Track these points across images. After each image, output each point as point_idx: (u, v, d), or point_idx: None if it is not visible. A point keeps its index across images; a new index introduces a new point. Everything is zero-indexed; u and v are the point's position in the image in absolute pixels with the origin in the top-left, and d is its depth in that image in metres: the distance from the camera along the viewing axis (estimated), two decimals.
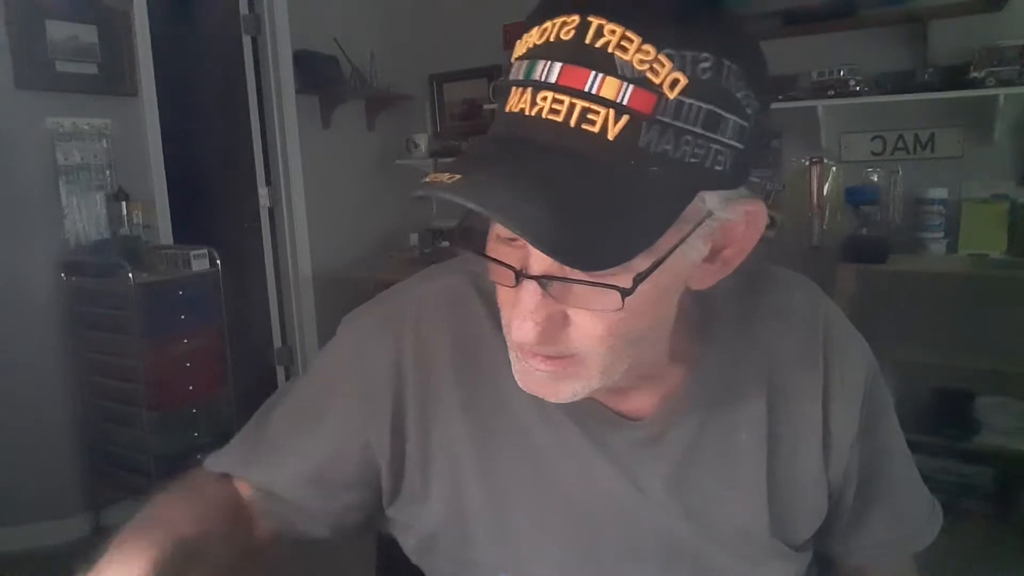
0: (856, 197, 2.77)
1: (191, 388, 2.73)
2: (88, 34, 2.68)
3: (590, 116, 0.45)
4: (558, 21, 0.46)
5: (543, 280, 0.49)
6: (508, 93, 0.49)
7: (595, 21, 0.45)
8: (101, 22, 2.71)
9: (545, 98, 0.46)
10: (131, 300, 2.51)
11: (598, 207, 0.44)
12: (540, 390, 0.55)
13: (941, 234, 2.63)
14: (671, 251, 0.48)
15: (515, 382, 0.60)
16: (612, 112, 0.44)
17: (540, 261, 0.49)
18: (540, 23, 0.48)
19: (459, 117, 3.77)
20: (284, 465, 0.68)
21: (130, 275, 2.48)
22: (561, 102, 0.45)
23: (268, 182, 3.53)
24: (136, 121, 2.86)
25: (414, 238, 3.73)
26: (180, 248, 2.82)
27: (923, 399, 2.69)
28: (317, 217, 3.57)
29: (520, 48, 0.49)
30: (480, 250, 0.54)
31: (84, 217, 2.70)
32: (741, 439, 0.65)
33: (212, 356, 2.82)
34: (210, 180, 3.77)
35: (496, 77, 3.52)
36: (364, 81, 3.67)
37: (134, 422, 2.59)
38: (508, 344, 0.56)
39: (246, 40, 3.40)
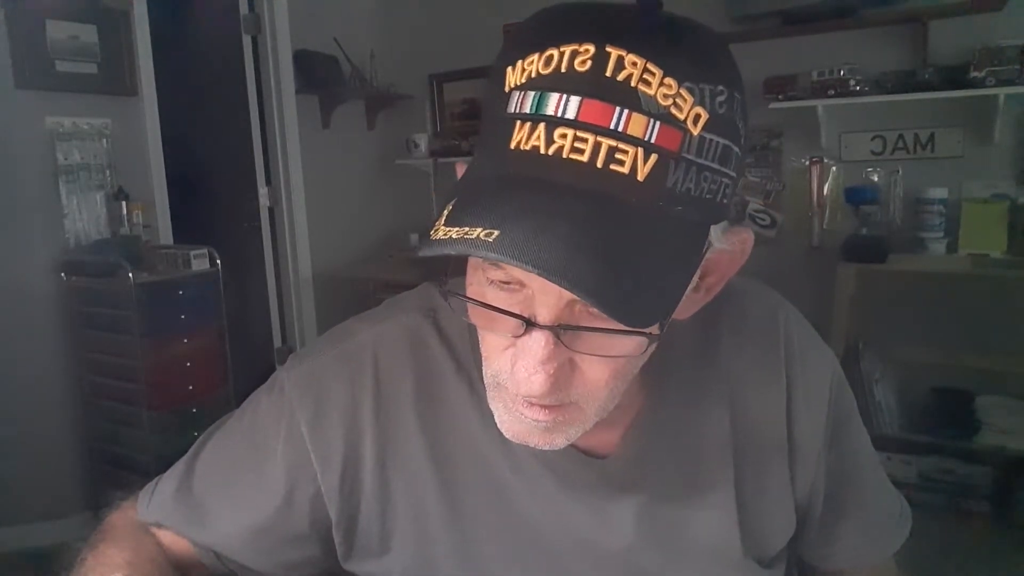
0: (856, 197, 2.76)
1: (191, 388, 2.72)
2: (88, 34, 2.68)
3: (618, 156, 0.42)
4: (567, 50, 0.43)
5: (556, 329, 0.46)
6: (510, 127, 0.44)
7: (614, 52, 0.42)
8: (101, 22, 2.71)
9: (564, 136, 0.42)
10: (131, 300, 2.51)
11: (642, 257, 0.42)
12: (531, 439, 0.52)
13: (941, 234, 2.63)
14: (690, 290, 0.48)
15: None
16: (641, 151, 0.42)
17: (550, 308, 0.46)
18: (541, 49, 0.44)
19: (459, 117, 3.78)
20: (225, 521, 0.65)
21: (130, 275, 2.48)
22: (584, 140, 0.42)
23: (268, 182, 3.53)
24: (136, 121, 2.86)
25: (414, 238, 3.73)
26: (180, 248, 2.81)
27: (923, 399, 2.69)
28: (317, 217, 3.57)
29: (517, 76, 0.45)
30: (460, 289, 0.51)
31: (84, 217, 2.69)
32: (707, 461, 0.63)
33: (212, 356, 2.82)
34: (210, 180, 3.77)
35: None
36: (364, 81, 3.67)
37: (134, 422, 2.59)
38: (497, 393, 0.53)
39: (246, 40, 3.40)
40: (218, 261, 2.79)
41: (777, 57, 2.93)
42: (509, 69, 0.46)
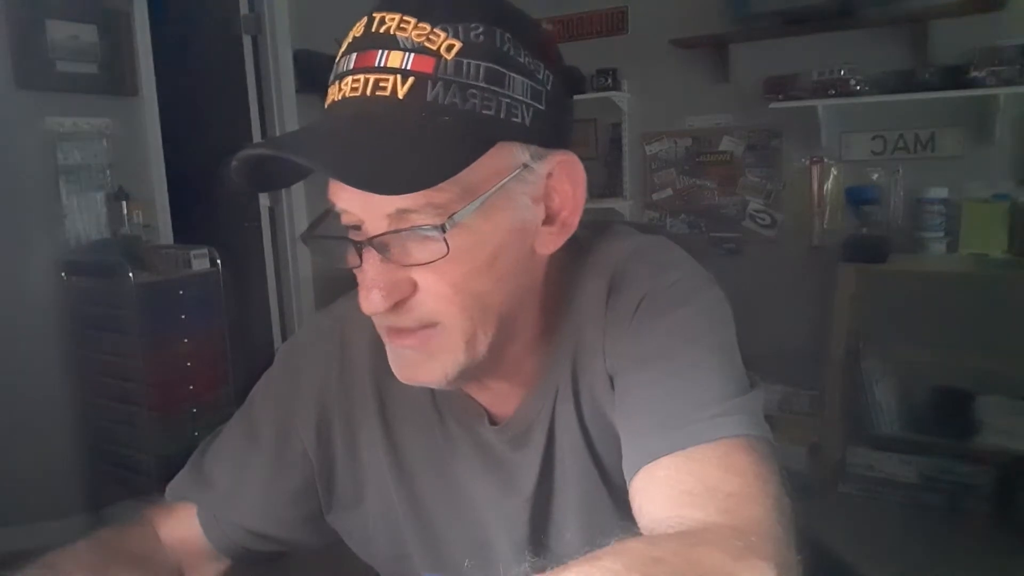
0: (856, 197, 2.76)
1: (191, 388, 2.72)
2: (88, 34, 2.68)
3: (381, 84, 0.51)
4: (355, 26, 0.55)
5: (377, 244, 0.53)
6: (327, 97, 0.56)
7: (378, 15, 0.53)
8: (101, 22, 2.71)
9: (347, 83, 0.53)
10: (131, 300, 2.51)
11: (388, 148, 0.50)
12: (413, 374, 0.58)
13: (941, 234, 2.63)
14: (487, 196, 0.53)
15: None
16: (399, 77, 0.51)
17: (372, 230, 0.53)
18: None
19: None
20: (228, 481, 0.72)
21: (130, 275, 2.48)
22: (359, 80, 0.52)
23: None
24: (136, 121, 2.86)
25: None
26: (180, 248, 2.81)
27: (923, 399, 2.69)
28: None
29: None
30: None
31: (84, 217, 2.69)
32: (585, 414, 0.63)
33: (212, 356, 2.81)
34: (210, 180, 3.76)
35: None
36: None
37: (134, 422, 2.59)
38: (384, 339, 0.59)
39: (246, 40, 3.40)
40: (218, 261, 2.78)
41: (777, 57, 2.93)
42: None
